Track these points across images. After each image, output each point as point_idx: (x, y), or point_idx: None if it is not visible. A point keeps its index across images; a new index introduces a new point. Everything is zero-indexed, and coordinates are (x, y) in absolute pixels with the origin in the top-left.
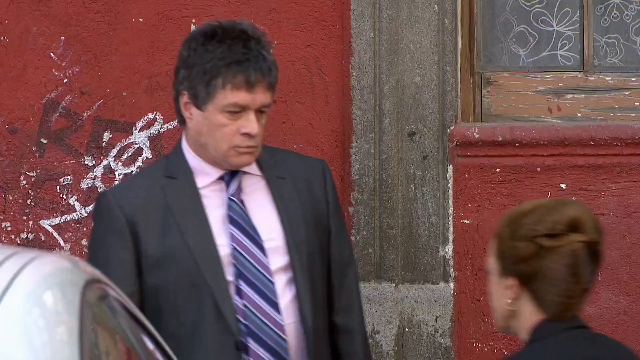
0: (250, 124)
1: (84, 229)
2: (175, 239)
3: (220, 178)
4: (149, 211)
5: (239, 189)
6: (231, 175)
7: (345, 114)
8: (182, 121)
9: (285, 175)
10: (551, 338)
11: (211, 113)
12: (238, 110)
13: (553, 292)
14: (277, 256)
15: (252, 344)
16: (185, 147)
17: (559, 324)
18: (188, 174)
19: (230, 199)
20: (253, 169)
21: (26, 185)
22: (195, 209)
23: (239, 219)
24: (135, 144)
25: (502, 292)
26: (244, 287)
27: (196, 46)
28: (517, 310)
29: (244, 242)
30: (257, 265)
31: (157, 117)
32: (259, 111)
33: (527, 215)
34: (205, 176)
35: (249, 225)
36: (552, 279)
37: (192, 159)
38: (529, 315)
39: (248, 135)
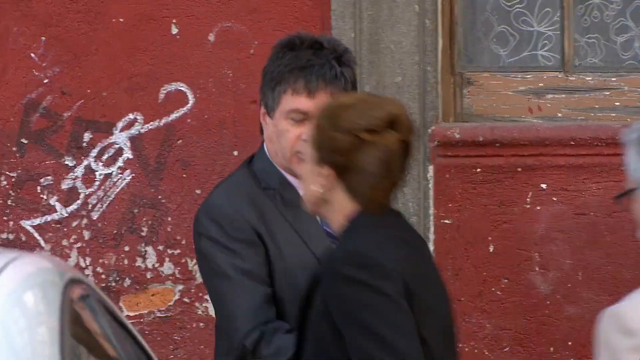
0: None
1: (65, 229)
2: (300, 248)
3: None
4: (268, 221)
5: None
6: None
7: None
8: (261, 131)
9: None
10: (368, 227)
11: (278, 120)
12: (301, 118)
13: (366, 185)
14: None
15: None
16: (270, 157)
17: (373, 215)
18: (285, 184)
19: None
20: None
21: (7, 186)
22: (307, 217)
23: (331, 231)
24: (116, 144)
25: (315, 180)
26: None
27: (272, 56)
28: (329, 198)
29: None
30: None
31: (138, 117)
32: None
33: (349, 108)
34: (297, 189)
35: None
36: (366, 172)
37: (280, 169)
38: (342, 204)
39: (307, 141)
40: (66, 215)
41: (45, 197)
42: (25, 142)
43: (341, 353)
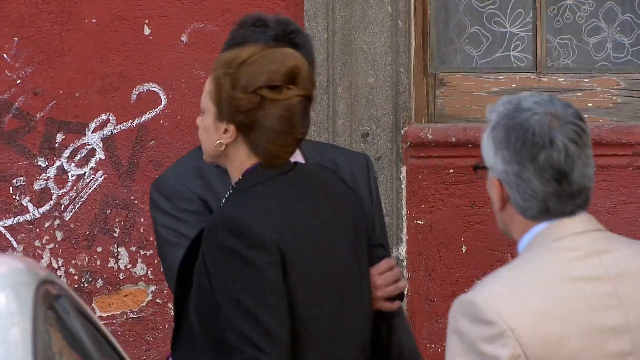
0: None
1: (37, 230)
2: None
3: None
4: (216, 192)
5: None
6: None
7: None
8: None
9: (333, 167)
10: (265, 182)
11: None
12: None
13: (268, 141)
14: None
15: None
16: None
17: (270, 170)
18: None
19: None
20: (299, 159)
21: None
22: None
23: None
24: (89, 144)
25: (216, 134)
26: None
27: (231, 33)
28: (229, 153)
29: None
30: None
31: (110, 117)
32: None
33: (248, 64)
34: None
35: None
36: (268, 129)
37: None
38: (242, 159)
39: None
40: (38, 216)
41: (17, 197)
42: None
43: (207, 314)
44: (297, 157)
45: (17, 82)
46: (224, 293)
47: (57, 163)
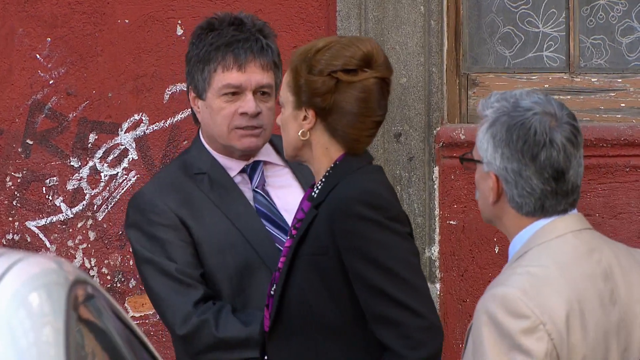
0: (247, 103)
1: (70, 230)
2: (226, 227)
3: (243, 171)
4: (193, 205)
5: (262, 180)
6: (253, 167)
7: None
8: (196, 119)
9: None
10: (364, 168)
11: (211, 100)
12: (234, 91)
13: (347, 124)
14: None
15: None
16: (205, 143)
17: (359, 158)
18: (216, 166)
19: (254, 191)
20: (274, 158)
21: (12, 187)
22: (236, 197)
23: (266, 210)
24: (121, 145)
25: (296, 124)
26: None
27: (193, 40)
28: (311, 140)
29: (273, 233)
30: None
31: (143, 118)
32: (262, 93)
33: (324, 50)
34: (228, 170)
35: (276, 216)
36: (346, 112)
37: (214, 153)
38: (325, 145)
39: (246, 115)
40: (71, 216)
41: (50, 198)
42: (31, 143)
43: (322, 297)
44: (270, 152)
45: (50, 82)
46: (368, 263)
47: (90, 163)
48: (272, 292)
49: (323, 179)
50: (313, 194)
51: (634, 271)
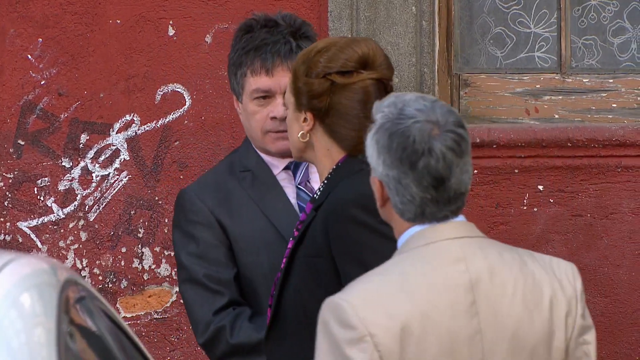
0: (277, 107)
1: (61, 230)
2: (263, 224)
3: (287, 168)
4: (231, 203)
5: (306, 176)
6: (296, 164)
7: None
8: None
9: None
10: (366, 169)
11: (246, 103)
12: (264, 96)
13: (345, 125)
14: None
15: None
16: (251, 142)
17: (358, 159)
18: (261, 163)
19: (298, 187)
20: None
21: (3, 187)
22: (276, 194)
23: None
24: (113, 145)
25: (297, 126)
26: None
27: (233, 42)
28: (312, 142)
29: None
30: None
31: (135, 118)
32: None
33: (322, 53)
34: (272, 168)
35: None
36: (344, 114)
37: (259, 152)
38: (326, 147)
39: (276, 119)
40: (63, 216)
41: (42, 198)
42: (22, 143)
43: (316, 299)
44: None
45: (42, 82)
46: (359, 267)
47: (82, 164)
48: (274, 293)
49: (325, 181)
50: (315, 195)
51: (514, 283)
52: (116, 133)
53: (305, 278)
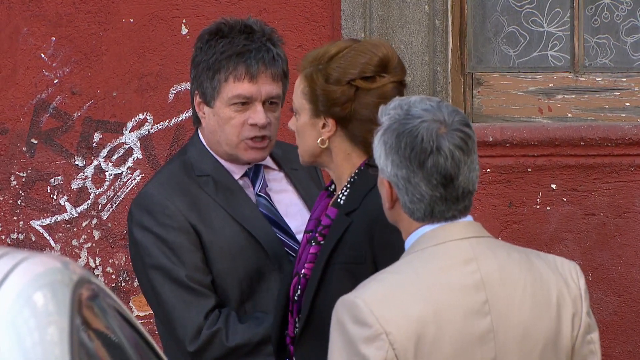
0: (257, 114)
1: (75, 229)
2: (235, 230)
3: (245, 175)
4: (200, 208)
5: (265, 184)
6: (254, 171)
7: None
8: (198, 121)
9: (297, 166)
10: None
11: (219, 108)
12: (244, 102)
13: (368, 130)
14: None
15: None
16: (206, 145)
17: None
18: (220, 169)
19: (258, 194)
20: (270, 162)
21: (16, 186)
22: (242, 200)
23: (269, 214)
24: (126, 144)
25: (314, 132)
26: None
27: (202, 44)
28: (331, 146)
29: (279, 235)
30: (294, 255)
31: (148, 117)
32: (270, 103)
33: (337, 58)
34: (232, 174)
35: (279, 219)
36: (366, 119)
37: (216, 157)
38: (346, 152)
39: (256, 126)
40: (76, 215)
41: (55, 197)
42: (35, 142)
43: None
44: (269, 161)
45: (55, 81)
46: None
47: (95, 162)
48: (295, 298)
49: (348, 185)
50: (339, 200)
51: (523, 283)
52: (129, 132)
53: (344, 285)
